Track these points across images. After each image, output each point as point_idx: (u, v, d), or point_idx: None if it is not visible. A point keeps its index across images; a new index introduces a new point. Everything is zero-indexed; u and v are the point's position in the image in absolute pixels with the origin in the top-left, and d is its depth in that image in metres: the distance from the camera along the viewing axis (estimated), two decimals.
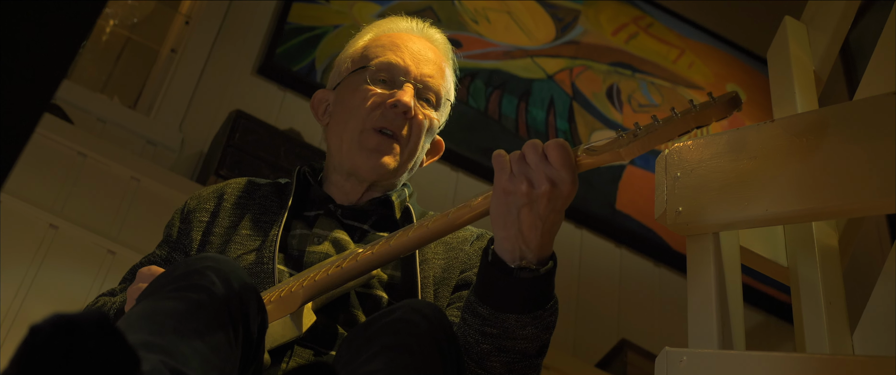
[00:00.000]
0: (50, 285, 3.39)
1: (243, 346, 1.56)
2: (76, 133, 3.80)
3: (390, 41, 2.18)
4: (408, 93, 2.09)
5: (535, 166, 1.67)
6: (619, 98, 5.33)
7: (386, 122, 2.08)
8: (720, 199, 1.81)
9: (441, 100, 2.17)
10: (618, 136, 1.70)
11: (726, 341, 1.74)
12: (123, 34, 5.35)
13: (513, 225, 1.68)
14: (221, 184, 2.19)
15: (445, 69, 2.21)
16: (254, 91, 4.56)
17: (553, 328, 1.80)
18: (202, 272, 1.56)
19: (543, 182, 1.66)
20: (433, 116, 2.14)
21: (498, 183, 1.70)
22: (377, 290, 1.93)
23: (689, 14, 5.80)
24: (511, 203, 1.68)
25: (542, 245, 1.69)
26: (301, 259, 1.97)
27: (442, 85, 2.17)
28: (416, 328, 1.58)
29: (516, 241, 1.69)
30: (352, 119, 2.10)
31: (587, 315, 4.70)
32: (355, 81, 2.14)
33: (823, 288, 1.89)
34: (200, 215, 2.10)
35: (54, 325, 1.02)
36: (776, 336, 4.95)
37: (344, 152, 2.10)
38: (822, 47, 2.31)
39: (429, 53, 2.18)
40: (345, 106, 2.14)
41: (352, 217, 2.08)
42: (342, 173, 2.12)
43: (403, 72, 2.12)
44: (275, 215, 2.07)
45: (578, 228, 4.91)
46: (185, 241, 2.07)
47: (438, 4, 5.14)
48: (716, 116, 1.64)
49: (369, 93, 2.10)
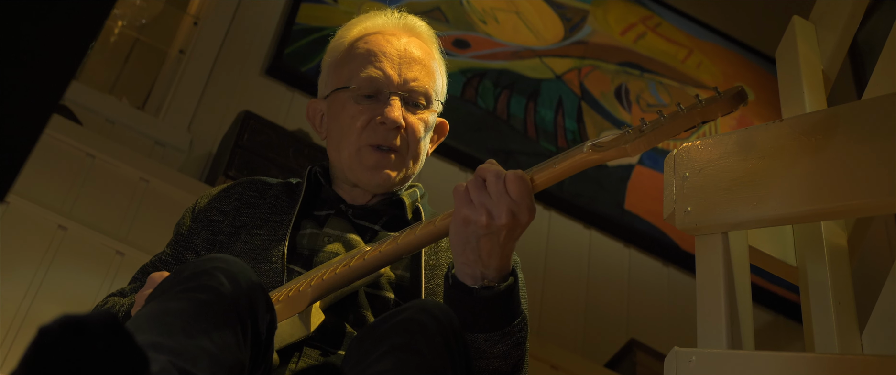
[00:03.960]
0: (58, 286, 3.40)
1: (252, 346, 1.56)
2: (85, 134, 3.81)
3: (368, 49, 2.11)
4: (395, 107, 2.05)
5: (497, 198, 1.70)
6: (628, 98, 5.32)
7: (379, 138, 2.05)
8: (729, 199, 1.81)
9: (431, 97, 2.12)
10: (624, 132, 1.70)
11: (735, 341, 1.74)
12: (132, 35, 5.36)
13: (472, 252, 1.72)
14: (232, 183, 2.19)
15: (432, 62, 2.14)
16: (262, 92, 4.56)
17: (525, 343, 1.82)
18: (211, 273, 1.56)
19: (503, 215, 1.69)
20: (426, 116, 2.11)
21: (457, 211, 1.72)
22: (386, 291, 1.93)
23: (698, 14, 5.79)
24: (470, 233, 1.71)
25: (500, 267, 1.73)
26: (311, 259, 1.96)
27: (430, 83, 2.11)
28: (426, 328, 1.58)
29: (476, 266, 1.72)
30: (345, 138, 2.08)
31: (596, 315, 4.70)
32: (341, 99, 2.11)
33: (832, 288, 1.89)
34: (211, 214, 2.10)
35: (63, 326, 1.02)
36: (785, 335, 4.94)
37: (346, 168, 2.09)
38: (831, 47, 2.31)
39: (412, 49, 2.12)
40: (337, 124, 2.11)
41: (363, 217, 2.08)
42: (348, 183, 2.12)
43: (386, 84, 2.07)
44: (285, 214, 2.06)
45: (587, 228, 4.91)
46: (196, 240, 2.07)
47: (447, 5, 5.14)
48: (721, 111, 1.64)
49: (356, 112, 2.07)
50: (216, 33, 4.65)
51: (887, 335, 1.74)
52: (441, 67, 2.18)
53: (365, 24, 2.18)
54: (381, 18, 2.17)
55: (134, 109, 4.44)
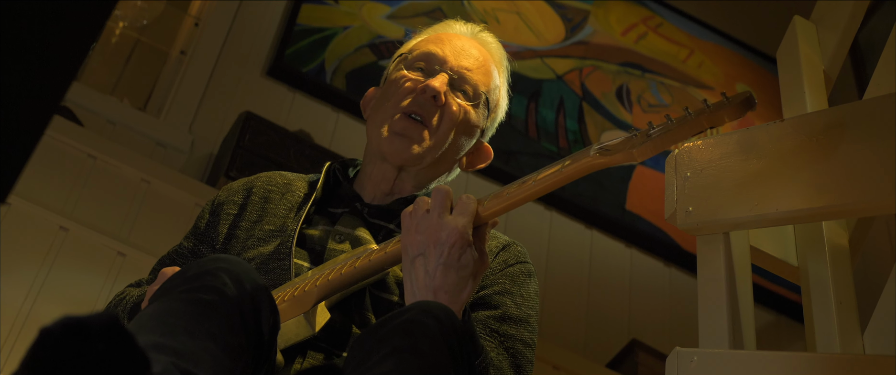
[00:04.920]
0: (60, 287, 3.40)
1: (255, 347, 1.56)
2: (86, 135, 3.81)
3: (436, 37, 2.19)
4: (439, 79, 2.08)
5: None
6: (629, 98, 5.32)
7: (415, 106, 2.07)
8: (730, 199, 1.81)
9: (480, 96, 2.14)
10: (631, 135, 1.69)
11: (737, 341, 1.74)
12: (133, 36, 5.36)
13: (407, 278, 1.75)
14: (252, 177, 2.19)
15: (491, 70, 2.18)
16: (263, 92, 4.56)
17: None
18: (214, 274, 1.56)
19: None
20: (467, 107, 2.12)
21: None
22: (392, 293, 1.93)
23: (699, 14, 5.79)
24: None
25: (451, 303, 1.71)
26: (321, 256, 1.96)
27: (482, 81, 2.15)
28: (428, 329, 1.57)
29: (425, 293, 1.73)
30: (386, 104, 2.11)
31: (598, 316, 4.70)
32: (395, 70, 2.16)
33: (834, 288, 1.89)
34: (229, 207, 2.10)
35: (64, 327, 1.02)
36: (787, 335, 4.94)
37: (375, 137, 2.10)
38: (832, 47, 2.31)
39: (473, 50, 2.17)
40: (383, 93, 2.15)
41: (378, 216, 2.07)
42: (375, 159, 2.12)
43: (440, 61, 2.12)
44: (299, 210, 2.07)
45: (589, 228, 4.91)
46: (212, 233, 2.07)
47: (448, 5, 5.14)
48: (729, 117, 1.64)
49: (404, 79, 2.11)
50: (217, 34, 4.65)
51: (889, 335, 1.74)
52: (500, 81, 2.21)
53: (441, 26, 2.26)
54: (458, 26, 2.25)
55: (135, 110, 4.44)
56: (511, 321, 1.91)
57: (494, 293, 1.95)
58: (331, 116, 4.58)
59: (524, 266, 2.04)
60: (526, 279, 2.02)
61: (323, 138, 4.39)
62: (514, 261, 2.03)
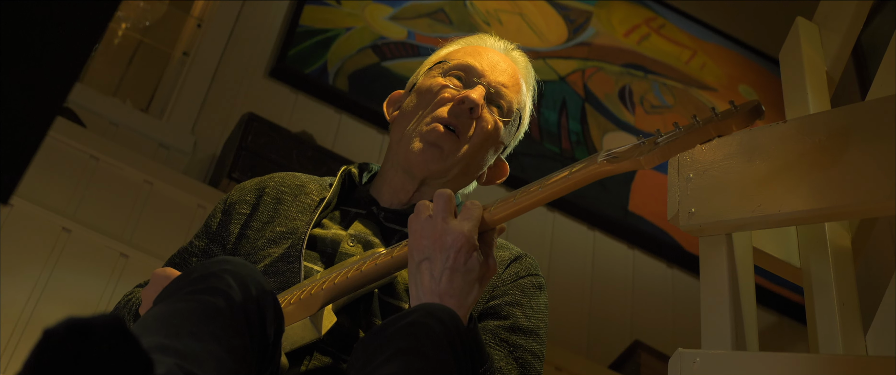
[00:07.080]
0: (63, 288, 3.40)
1: (259, 350, 1.56)
2: (88, 136, 3.81)
3: (473, 49, 2.19)
4: (478, 92, 2.08)
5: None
6: (632, 100, 5.32)
7: (452, 117, 2.06)
8: (733, 200, 1.81)
9: (513, 113, 2.14)
10: (639, 142, 1.70)
11: (739, 342, 1.74)
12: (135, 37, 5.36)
13: (413, 282, 1.74)
14: (265, 177, 2.18)
15: (523, 88, 2.18)
16: (266, 94, 4.57)
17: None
18: (219, 275, 1.56)
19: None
20: (500, 124, 2.12)
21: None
22: (399, 298, 1.92)
23: (701, 15, 5.79)
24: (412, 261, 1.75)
25: (457, 307, 1.71)
26: (333, 258, 1.96)
27: (516, 98, 2.15)
28: (432, 331, 1.57)
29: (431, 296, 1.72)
30: (420, 110, 2.10)
31: (600, 317, 4.70)
32: (431, 75, 2.15)
33: (836, 289, 1.89)
34: (241, 207, 2.10)
35: (68, 328, 1.03)
36: (789, 336, 4.94)
37: (403, 143, 2.08)
38: (835, 48, 2.31)
39: (508, 67, 2.17)
40: (416, 98, 2.13)
41: (394, 221, 2.07)
42: (397, 168, 2.10)
43: (478, 74, 2.12)
44: (311, 213, 2.06)
45: (591, 230, 4.91)
46: (224, 233, 2.07)
47: (450, 6, 5.14)
48: (737, 126, 1.64)
49: (442, 87, 2.11)
50: (220, 35, 4.65)
51: (891, 336, 1.74)
52: (528, 99, 2.21)
53: (474, 39, 2.26)
54: (490, 40, 2.24)
55: (138, 112, 4.44)
56: (521, 331, 1.91)
57: (505, 303, 1.95)
58: (333, 117, 4.58)
59: (535, 279, 2.04)
60: (536, 291, 2.02)
61: (325, 140, 4.39)
62: (526, 273, 2.03)
